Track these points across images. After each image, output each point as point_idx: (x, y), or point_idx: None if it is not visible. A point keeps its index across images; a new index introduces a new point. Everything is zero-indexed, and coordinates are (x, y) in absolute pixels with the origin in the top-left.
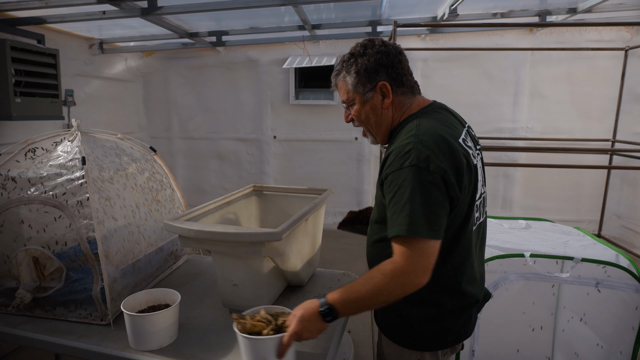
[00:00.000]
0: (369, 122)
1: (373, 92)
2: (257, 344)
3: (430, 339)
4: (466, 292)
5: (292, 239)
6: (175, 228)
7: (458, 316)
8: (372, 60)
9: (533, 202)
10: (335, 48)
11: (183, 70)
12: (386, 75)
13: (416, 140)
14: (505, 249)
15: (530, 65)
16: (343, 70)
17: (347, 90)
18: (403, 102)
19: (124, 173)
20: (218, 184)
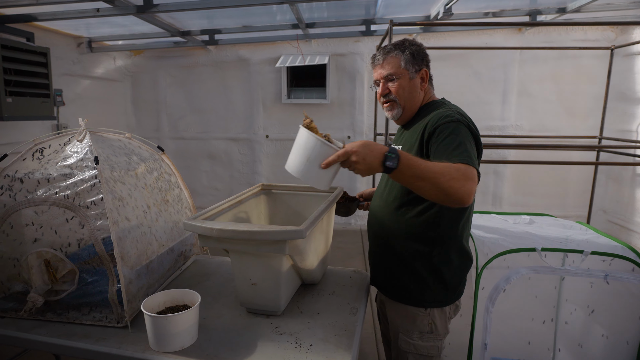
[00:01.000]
0: (406, 96)
1: (418, 74)
2: (310, 142)
3: (440, 294)
4: (466, 249)
5: (311, 236)
6: (196, 227)
7: (462, 271)
8: (421, 50)
9: (522, 198)
10: (327, 47)
11: (172, 69)
12: (426, 65)
13: (453, 109)
14: (516, 244)
15: (518, 65)
16: (396, 50)
17: (397, 65)
18: (429, 90)
19: (134, 173)
20: (209, 184)
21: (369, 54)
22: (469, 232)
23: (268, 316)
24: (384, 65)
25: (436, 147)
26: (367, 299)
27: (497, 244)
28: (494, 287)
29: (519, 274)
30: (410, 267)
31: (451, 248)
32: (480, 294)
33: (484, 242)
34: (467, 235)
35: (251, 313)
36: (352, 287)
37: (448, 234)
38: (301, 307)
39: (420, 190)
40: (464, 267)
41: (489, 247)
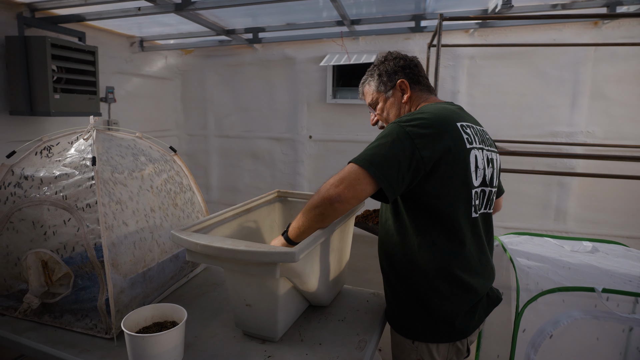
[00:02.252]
0: (389, 117)
1: (393, 90)
2: None
3: (428, 327)
4: (463, 279)
5: (312, 257)
6: (181, 240)
7: (456, 304)
8: (392, 64)
9: (591, 214)
10: (375, 45)
11: (220, 68)
12: (404, 75)
13: (414, 112)
14: (570, 279)
15: (592, 63)
16: (368, 77)
17: (371, 92)
18: (420, 97)
19: (139, 174)
20: (252, 183)
21: (420, 52)
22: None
23: (264, 342)
24: (364, 97)
25: None
26: (381, 330)
27: (545, 278)
28: (538, 331)
29: (571, 318)
30: (396, 292)
31: (437, 275)
32: (520, 337)
33: (528, 274)
34: (469, 264)
35: (247, 336)
36: (367, 314)
37: (431, 259)
38: (303, 334)
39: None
40: (460, 300)
41: (535, 281)
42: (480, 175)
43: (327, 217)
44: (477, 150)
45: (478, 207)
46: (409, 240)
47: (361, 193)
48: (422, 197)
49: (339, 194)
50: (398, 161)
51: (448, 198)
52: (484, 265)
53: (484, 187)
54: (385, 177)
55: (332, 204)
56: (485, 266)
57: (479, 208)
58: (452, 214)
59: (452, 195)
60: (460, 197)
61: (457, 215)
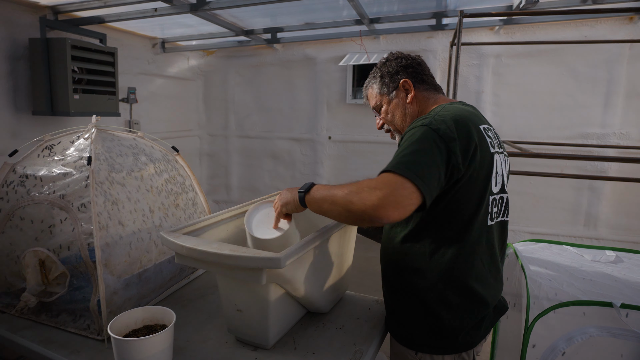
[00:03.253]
0: (395, 119)
1: (397, 91)
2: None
3: (433, 338)
4: (474, 291)
5: (303, 263)
6: (167, 242)
7: (465, 315)
8: (393, 64)
9: (624, 220)
10: (396, 44)
11: (241, 68)
12: (406, 74)
13: (436, 114)
14: (586, 292)
15: (627, 61)
16: (370, 81)
17: (374, 95)
18: (427, 97)
19: (139, 174)
20: (272, 183)
21: (443, 51)
22: (491, 271)
23: (256, 348)
24: (368, 101)
25: None
26: (380, 340)
27: (558, 290)
28: (549, 348)
29: (586, 334)
30: (401, 301)
31: (448, 285)
32: (529, 354)
33: (540, 284)
34: (481, 274)
35: (240, 342)
36: (367, 323)
37: (442, 268)
38: (297, 342)
39: (328, 213)
40: (470, 311)
41: (547, 293)
42: (500, 181)
43: (358, 224)
44: (498, 155)
45: (495, 214)
46: (420, 248)
47: (409, 212)
48: (442, 203)
49: (388, 216)
50: (438, 168)
51: (469, 205)
52: (494, 276)
53: (502, 193)
54: (429, 188)
55: (373, 221)
56: (496, 276)
57: (496, 216)
58: (470, 221)
59: (473, 202)
60: (481, 204)
61: (474, 223)
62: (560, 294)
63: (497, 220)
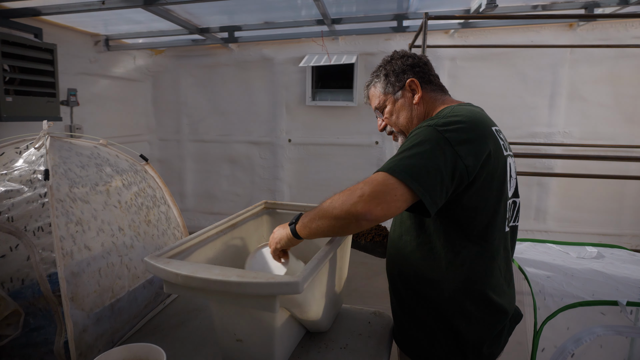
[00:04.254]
0: (400, 120)
1: (403, 91)
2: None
3: (455, 352)
4: (493, 300)
5: (315, 283)
6: (156, 270)
7: (487, 326)
8: (399, 63)
9: (570, 213)
10: (355, 45)
11: (194, 69)
12: (413, 74)
13: (445, 115)
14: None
15: (569, 65)
16: (373, 79)
17: (378, 95)
18: (435, 98)
19: (104, 188)
20: (230, 189)
21: None
22: (506, 279)
23: None
24: (370, 101)
25: None
26: (388, 357)
27: (561, 291)
28: (558, 350)
29: (594, 334)
30: (415, 315)
31: (467, 296)
32: (539, 358)
33: (543, 287)
34: (498, 282)
35: None
36: (371, 339)
37: (461, 278)
38: None
39: (319, 231)
40: (490, 321)
41: (552, 295)
42: (513, 185)
43: (349, 231)
44: (510, 158)
45: (509, 219)
46: (436, 258)
47: (395, 210)
48: (457, 210)
49: (370, 212)
50: (440, 172)
51: (485, 211)
52: (508, 282)
53: (515, 197)
54: (428, 191)
55: (358, 221)
56: (509, 283)
57: (510, 221)
58: (488, 228)
59: (489, 208)
60: (498, 209)
61: (493, 229)
62: (563, 295)
63: (510, 225)
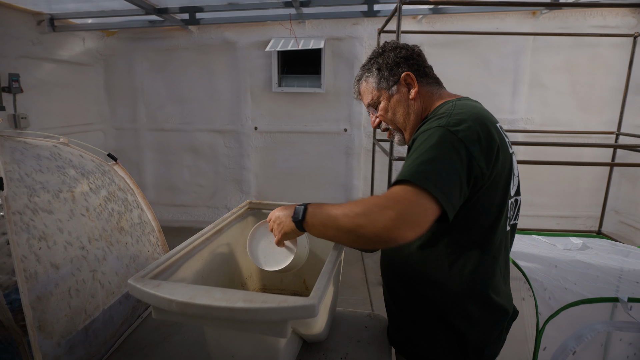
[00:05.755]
0: (396, 117)
1: (398, 85)
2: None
3: (457, 355)
4: (494, 300)
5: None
6: (145, 295)
7: (488, 327)
8: (392, 55)
9: (529, 197)
10: (322, 29)
11: (150, 52)
12: (408, 66)
13: (452, 112)
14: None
15: (531, 53)
16: (364, 73)
17: (371, 90)
18: (431, 92)
19: (69, 195)
20: (192, 180)
21: (369, 38)
22: (504, 277)
23: None
24: (361, 96)
25: None
26: None
27: (562, 290)
28: (560, 348)
29: (595, 331)
30: (414, 317)
31: (470, 297)
32: (541, 356)
33: (542, 284)
34: (498, 282)
35: None
36: (370, 345)
37: (463, 280)
38: None
39: (333, 239)
40: (491, 323)
41: (552, 293)
42: (516, 183)
43: (369, 246)
44: (514, 155)
45: (511, 218)
46: (438, 259)
47: (427, 228)
48: (462, 210)
49: (403, 236)
50: (459, 176)
51: (491, 211)
52: (505, 280)
53: (517, 196)
54: (450, 199)
55: (388, 243)
56: (506, 281)
57: (511, 219)
58: (492, 228)
59: (495, 208)
60: (502, 209)
61: (497, 229)
62: (562, 292)
63: (511, 224)
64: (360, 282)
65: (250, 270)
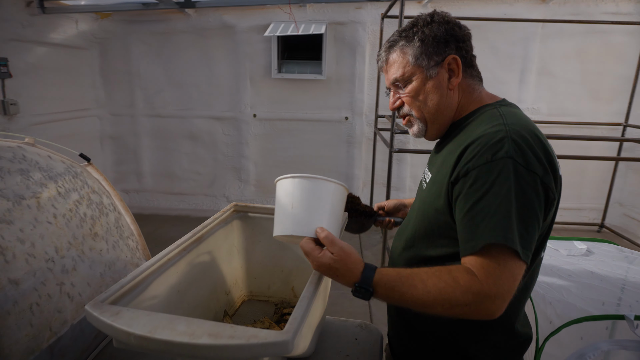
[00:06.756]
0: (426, 105)
1: (439, 68)
2: None
3: None
4: (519, 330)
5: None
6: (102, 325)
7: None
8: (443, 29)
9: None
10: (324, 14)
11: (146, 36)
12: (456, 49)
13: (508, 128)
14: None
15: (540, 40)
16: (401, 40)
17: (405, 64)
18: (472, 87)
19: (33, 201)
20: (191, 168)
21: (372, 23)
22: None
23: None
24: (388, 68)
25: (462, 214)
26: None
27: (565, 303)
28: None
29: (598, 349)
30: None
31: (497, 331)
32: None
33: (544, 297)
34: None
35: None
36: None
37: None
38: None
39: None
40: (516, 353)
41: (554, 307)
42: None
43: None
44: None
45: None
46: None
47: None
48: None
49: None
50: (538, 218)
51: (539, 238)
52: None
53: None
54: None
55: (491, 316)
56: None
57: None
58: (537, 253)
59: (545, 233)
60: (546, 236)
61: (539, 254)
62: (565, 306)
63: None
64: None
65: (236, 277)
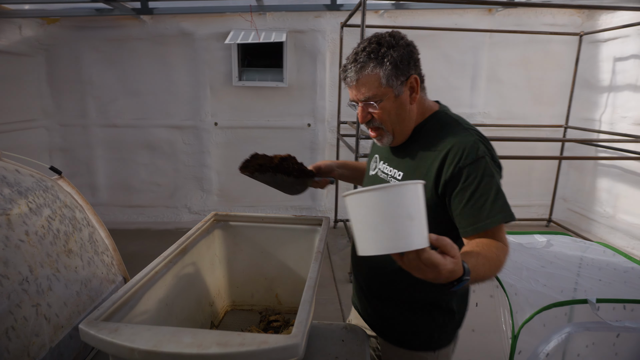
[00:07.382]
0: (395, 120)
1: (404, 87)
2: None
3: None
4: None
5: None
6: (101, 343)
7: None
8: (405, 52)
9: None
10: (284, 22)
11: (99, 43)
12: (415, 69)
13: (473, 132)
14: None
15: (488, 48)
16: (371, 62)
17: (377, 85)
18: (423, 98)
19: (3, 219)
20: (150, 179)
21: (332, 32)
22: None
23: None
24: (358, 87)
25: (464, 203)
26: None
27: (535, 292)
28: (532, 354)
29: (565, 333)
30: (419, 309)
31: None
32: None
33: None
34: None
35: None
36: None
37: None
38: None
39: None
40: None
41: (525, 297)
42: None
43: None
44: None
45: None
46: None
47: None
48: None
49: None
50: None
51: None
52: None
53: None
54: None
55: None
56: None
57: None
58: None
59: None
60: None
61: None
62: (534, 295)
63: None
64: (328, 280)
65: (218, 287)
